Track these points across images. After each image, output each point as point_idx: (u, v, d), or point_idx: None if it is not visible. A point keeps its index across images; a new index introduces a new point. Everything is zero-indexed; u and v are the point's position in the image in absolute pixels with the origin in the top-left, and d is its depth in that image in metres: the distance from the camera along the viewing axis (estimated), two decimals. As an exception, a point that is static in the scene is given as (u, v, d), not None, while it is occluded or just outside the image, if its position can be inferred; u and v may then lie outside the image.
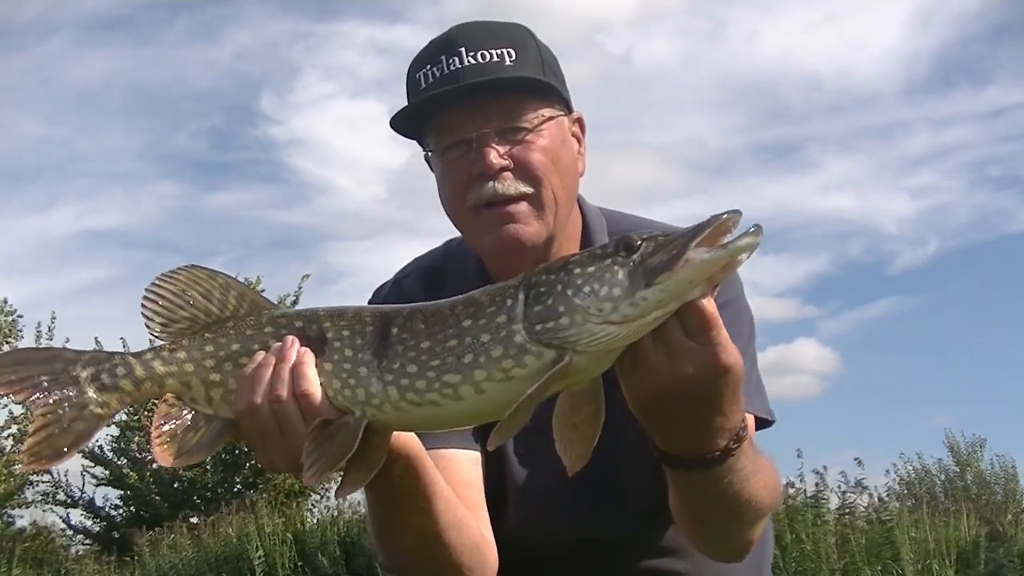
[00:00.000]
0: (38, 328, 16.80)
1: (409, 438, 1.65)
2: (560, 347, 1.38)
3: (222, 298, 1.57)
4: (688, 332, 1.39)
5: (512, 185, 1.87)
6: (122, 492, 16.54)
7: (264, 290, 16.55)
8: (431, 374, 1.44)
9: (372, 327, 1.51)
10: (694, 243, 1.34)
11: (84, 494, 16.58)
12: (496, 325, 1.42)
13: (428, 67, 1.91)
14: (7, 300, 17.58)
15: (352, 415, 1.48)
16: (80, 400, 1.53)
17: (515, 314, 1.41)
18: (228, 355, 1.54)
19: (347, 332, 1.51)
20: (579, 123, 2.03)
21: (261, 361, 1.51)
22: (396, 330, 1.49)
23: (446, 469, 1.85)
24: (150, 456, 16.03)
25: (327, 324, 1.53)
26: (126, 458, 16.49)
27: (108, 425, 16.09)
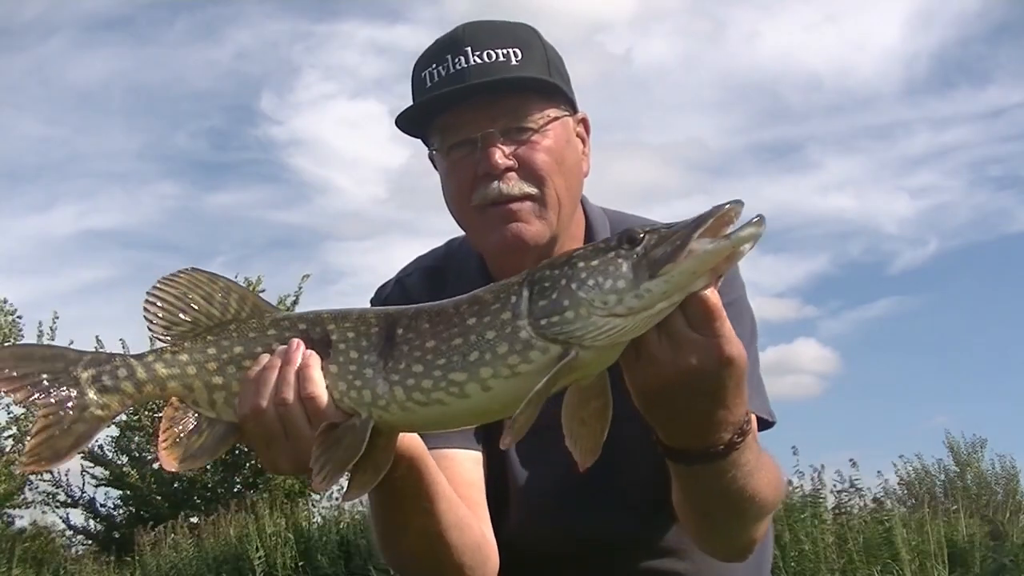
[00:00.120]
0: (40, 328, 16.82)
1: (413, 439, 1.65)
2: (566, 342, 1.37)
3: (223, 301, 1.56)
4: (692, 323, 1.39)
5: (516, 185, 1.87)
6: (122, 492, 16.54)
7: (264, 290, 16.55)
8: (437, 373, 1.44)
9: (377, 328, 1.50)
10: (697, 234, 1.33)
11: (85, 494, 16.59)
12: (501, 322, 1.42)
13: (434, 66, 1.91)
14: (7, 300, 17.59)
15: (358, 417, 1.47)
16: (81, 401, 1.51)
17: (520, 310, 1.41)
18: (231, 358, 1.53)
19: (352, 334, 1.51)
20: (584, 123, 2.03)
21: (266, 364, 1.50)
22: (401, 331, 1.49)
23: (448, 469, 1.85)
24: (151, 456, 16.08)
25: (331, 326, 1.52)
26: (127, 456, 16.49)
27: (108, 426, 16.21)
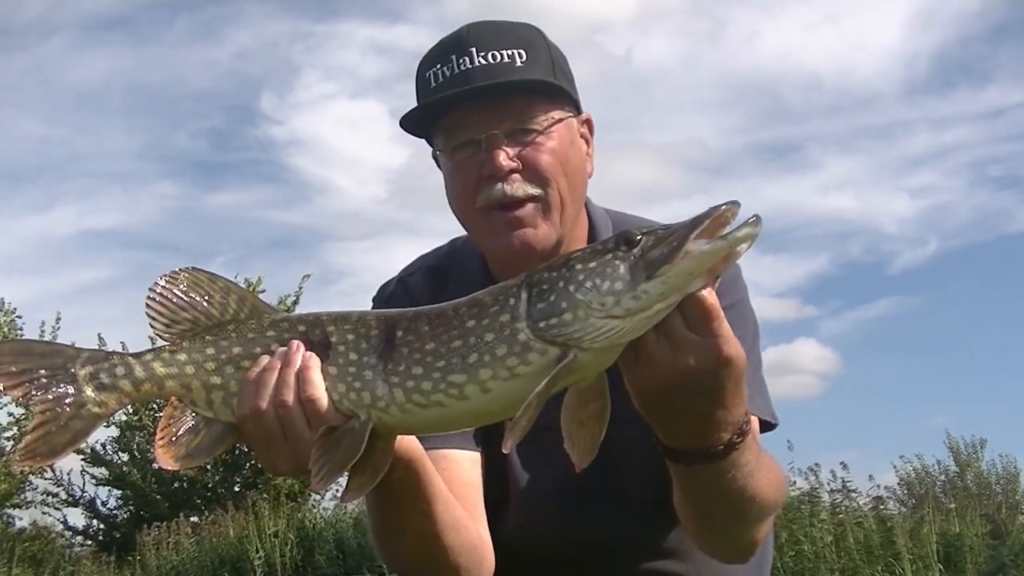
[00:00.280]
0: (42, 327, 16.85)
1: (410, 441, 1.65)
2: (564, 344, 1.38)
3: (223, 301, 1.56)
4: (690, 324, 1.40)
5: (520, 187, 1.87)
6: (123, 492, 16.55)
7: (264, 291, 16.58)
8: (437, 375, 1.44)
9: (377, 330, 1.50)
10: (693, 235, 1.34)
11: (86, 493, 16.61)
12: (500, 324, 1.42)
13: (438, 66, 1.90)
14: (5, 300, 17.62)
15: (357, 419, 1.47)
16: (78, 399, 1.51)
17: (518, 312, 1.41)
18: (229, 358, 1.53)
19: (351, 336, 1.51)
20: (588, 124, 2.03)
21: (266, 365, 1.50)
22: (401, 333, 1.49)
23: (446, 470, 1.85)
24: (151, 456, 16.09)
25: (331, 328, 1.52)
26: (127, 454, 16.49)
27: (107, 425, 16.20)
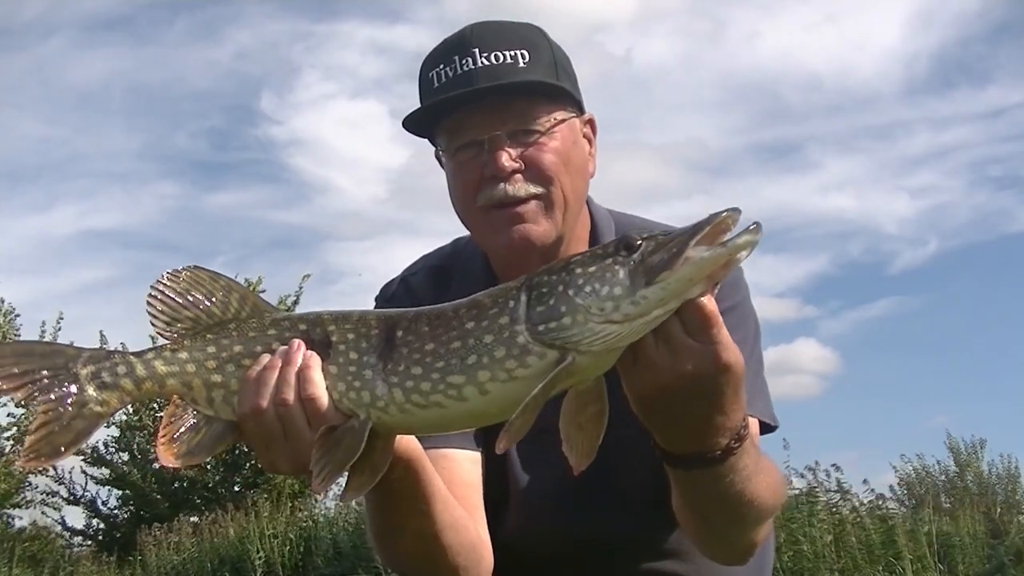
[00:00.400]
0: (42, 327, 16.85)
1: (410, 441, 1.65)
2: (562, 347, 1.38)
3: (224, 300, 1.56)
4: (689, 330, 1.40)
5: (523, 187, 1.88)
6: (123, 492, 16.55)
7: (264, 291, 16.57)
8: (435, 376, 1.45)
9: (377, 330, 1.51)
10: (693, 241, 1.34)
11: (87, 492, 16.62)
12: (499, 326, 1.43)
13: (441, 66, 1.91)
14: (4, 300, 17.64)
15: (357, 418, 1.48)
16: (80, 398, 1.52)
17: (518, 315, 1.42)
18: (230, 356, 1.54)
19: (352, 335, 1.51)
20: (591, 124, 2.03)
21: (266, 364, 1.50)
22: (401, 333, 1.49)
23: (446, 469, 1.86)
24: (152, 455, 16.10)
25: (332, 327, 1.52)
26: (128, 454, 16.50)
27: (108, 425, 16.20)
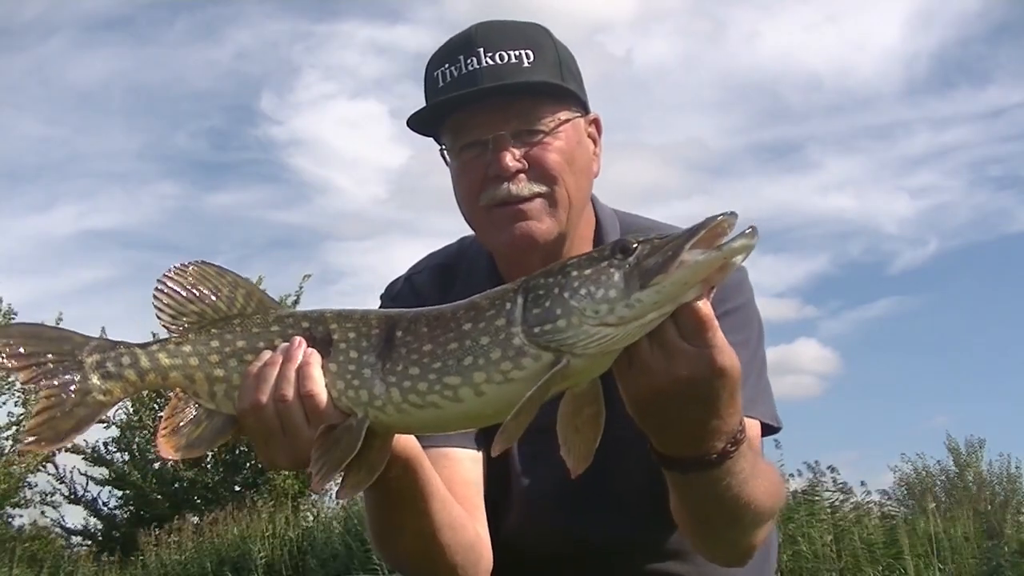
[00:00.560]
0: (42, 327, 16.79)
1: (408, 440, 1.66)
2: (558, 349, 1.39)
3: (230, 295, 1.58)
4: (684, 334, 1.40)
5: (526, 187, 1.89)
6: (123, 492, 16.55)
7: (264, 290, 16.53)
8: (432, 376, 1.46)
9: (378, 330, 1.52)
10: (689, 245, 1.35)
11: (87, 492, 16.63)
12: (495, 328, 1.44)
13: (446, 65, 1.92)
14: (1, 299, 17.63)
15: (355, 417, 1.49)
16: (84, 386, 1.53)
17: (514, 317, 1.43)
18: (233, 351, 1.56)
19: (353, 334, 1.53)
20: (595, 124, 2.03)
21: (267, 360, 1.52)
22: (400, 333, 1.51)
23: (447, 468, 1.87)
24: (152, 455, 16.10)
25: (333, 326, 1.54)
26: (128, 454, 16.49)
27: (108, 426, 16.18)
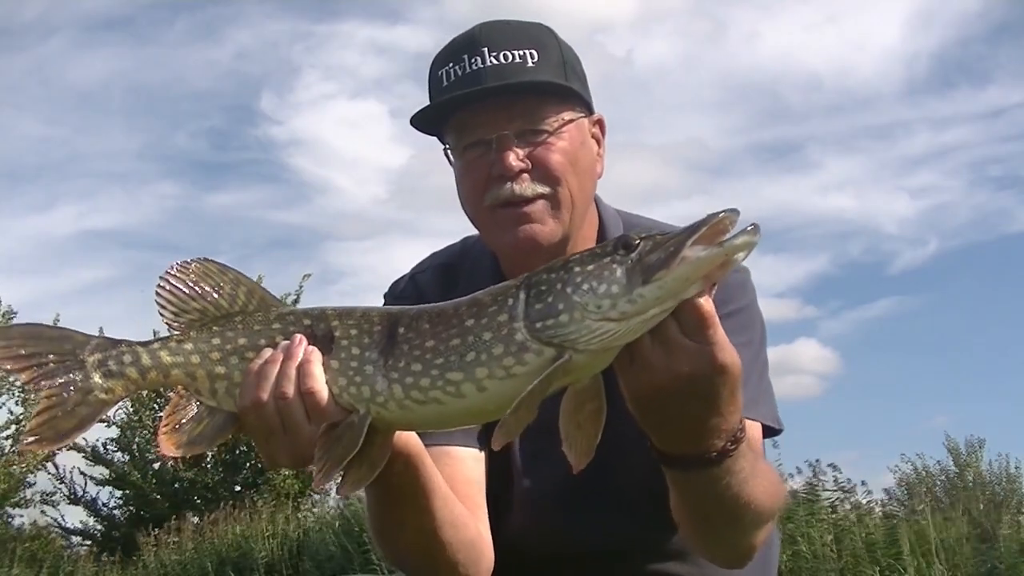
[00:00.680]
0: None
1: (409, 437, 1.66)
2: (560, 345, 1.39)
3: (232, 293, 1.58)
4: (685, 330, 1.41)
5: (529, 187, 1.89)
6: (123, 492, 16.55)
7: (266, 288, 16.53)
8: (435, 372, 1.46)
9: (380, 327, 1.52)
10: (691, 241, 1.35)
11: (87, 492, 16.62)
12: (498, 324, 1.44)
13: (450, 65, 1.92)
14: (0, 299, 17.63)
15: (356, 414, 1.49)
16: (85, 385, 1.53)
17: (516, 313, 1.43)
18: (235, 349, 1.56)
19: (355, 331, 1.53)
20: (599, 124, 2.04)
21: (268, 358, 1.52)
22: (402, 330, 1.51)
23: (449, 466, 1.87)
24: (152, 455, 16.09)
25: (335, 323, 1.54)
26: (128, 454, 16.49)
27: (108, 426, 16.17)
